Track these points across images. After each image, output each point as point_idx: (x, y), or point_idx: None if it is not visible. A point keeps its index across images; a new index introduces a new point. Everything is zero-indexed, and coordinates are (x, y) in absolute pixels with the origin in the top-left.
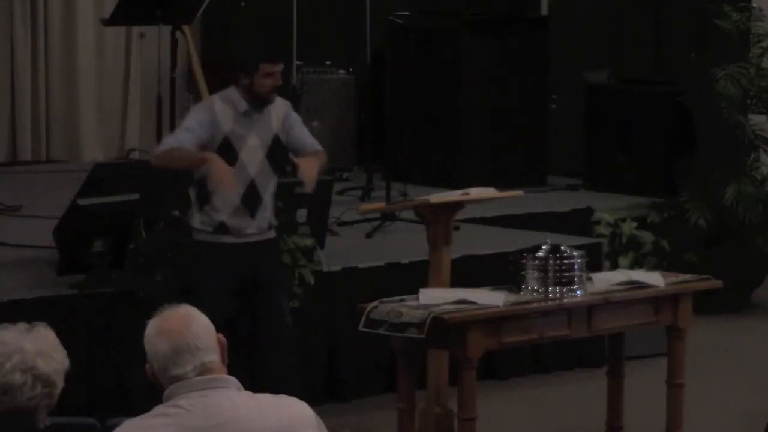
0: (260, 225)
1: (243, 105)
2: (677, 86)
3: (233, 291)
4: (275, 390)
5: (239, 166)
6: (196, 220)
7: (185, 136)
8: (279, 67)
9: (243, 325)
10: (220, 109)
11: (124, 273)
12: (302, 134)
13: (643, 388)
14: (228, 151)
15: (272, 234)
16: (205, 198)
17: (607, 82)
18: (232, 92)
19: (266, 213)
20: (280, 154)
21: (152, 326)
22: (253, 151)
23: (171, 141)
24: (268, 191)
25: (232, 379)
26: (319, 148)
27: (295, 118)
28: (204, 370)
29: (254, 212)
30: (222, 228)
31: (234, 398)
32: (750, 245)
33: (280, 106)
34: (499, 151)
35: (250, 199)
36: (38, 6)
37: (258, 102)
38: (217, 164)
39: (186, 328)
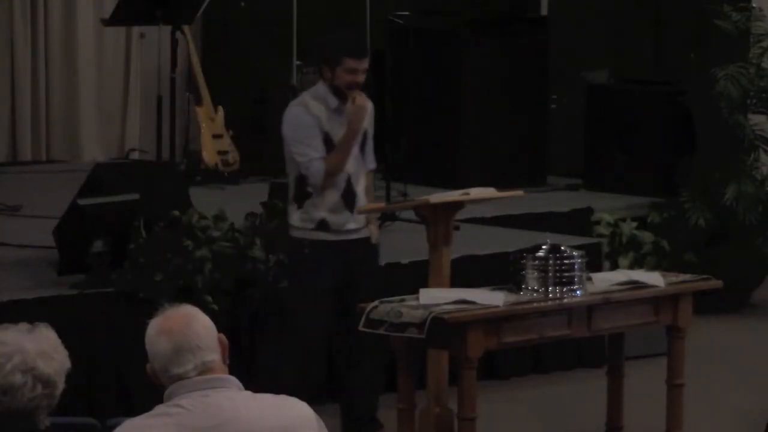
0: (359, 219)
1: (333, 101)
2: (677, 86)
3: (333, 289)
4: (362, 392)
5: None
6: (295, 217)
7: (313, 142)
8: (363, 64)
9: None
10: (314, 107)
11: (124, 273)
12: (370, 145)
13: (643, 388)
14: (328, 148)
15: (367, 232)
16: (304, 196)
17: (607, 82)
18: (320, 88)
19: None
20: (368, 150)
21: (153, 326)
22: None
23: (313, 163)
24: (360, 186)
25: (233, 379)
26: (374, 166)
27: (372, 123)
28: (205, 369)
29: (352, 208)
30: (323, 225)
31: (235, 398)
32: (750, 245)
33: (366, 102)
34: (499, 150)
35: (348, 195)
36: (38, 6)
37: (340, 96)
38: (356, 125)
39: (187, 327)
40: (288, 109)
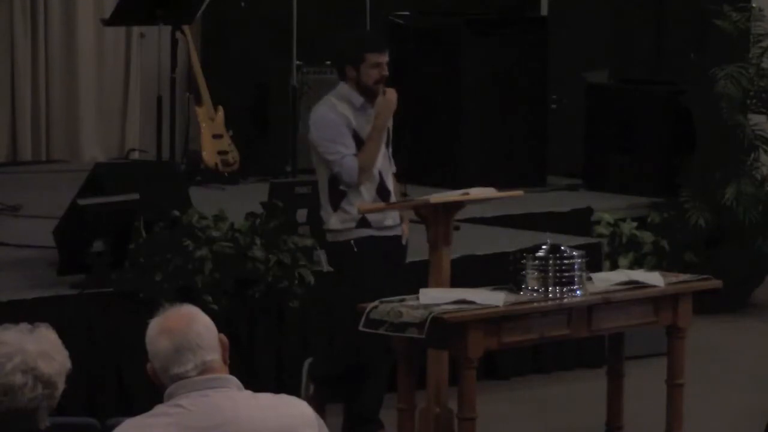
0: (394, 216)
1: (358, 99)
2: (677, 86)
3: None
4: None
5: None
6: (334, 221)
7: (344, 140)
8: (385, 57)
9: None
10: (340, 107)
11: (124, 273)
12: (390, 146)
13: (643, 388)
14: (358, 146)
15: (400, 230)
16: (339, 196)
17: (607, 82)
18: (343, 88)
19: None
20: (391, 145)
21: (154, 325)
22: None
23: (346, 160)
24: (390, 182)
25: (233, 379)
26: (395, 168)
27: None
28: (205, 369)
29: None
30: (364, 221)
31: (235, 398)
32: (750, 245)
33: (391, 94)
34: (499, 151)
35: (383, 192)
36: (38, 6)
37: (367, 94)
38: (385, 117)
39: (188, 326)
40: (314, 111)
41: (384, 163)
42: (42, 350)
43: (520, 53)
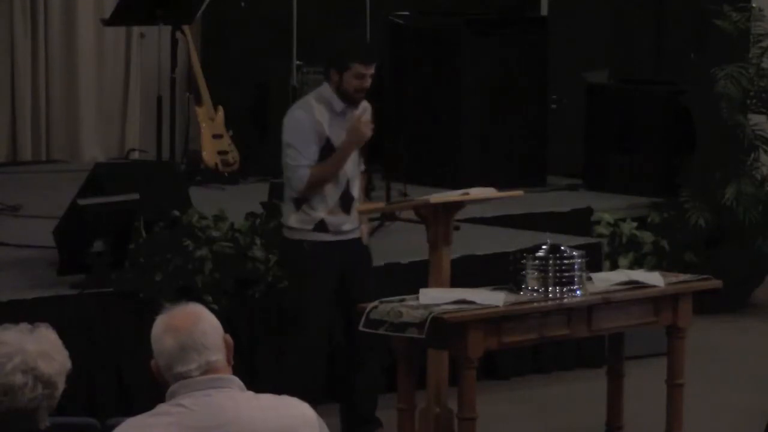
0: (353, 220)
1: (339, 104)
2: (677, 86)
3: (334, 289)
4: (364, 390)
5: None
6: (292, 219)
7: (307, 150)
8: (370, 70)
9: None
10: (318, 112)
11: (124, 273)
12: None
13: (643, 388)
14: (329, 153)
15: (359, 233)
16: (302, 198)
17: (607, 82)
18: (326, 90)
19: (354, 209)
20: (365, 151)
21: (160, 323)
22: None
23: (299, 170)
24: (356, 188)
25: (236, 379)
26: (364, 167)
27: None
28: (209, 369)
29: (349, 209)
30: (322, 226)
31: (237, 398)
32: (750, 245)
33: (368, 107)
34: (499, 151)
35: (347, 197)
36: (38, 6)
37: (346, 100)
38: (353, 143)
39: (193, 326)
40: (291, 110)
41: (353, 169)
42: (42, 350)
43: (520, 53)
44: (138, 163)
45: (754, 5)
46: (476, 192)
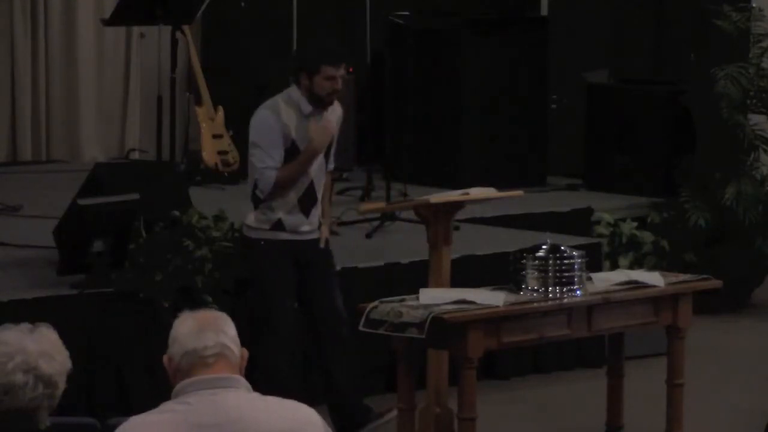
0: (313, 222)
1: (307, 107)
2: (677, 86)
3: (293, 285)
4: (338, 387)
5: None
6: (251, 218)
7: (273, 152)
8: (341, 71)
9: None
10: (285, 114)
11: (124, 273)
12: (333, 148)
13: (643, 388)
14: (294, 155)
15: (318, 234)
16: (260, 197)
17: (607, 82)
18: (294, 92)
19: (317, 211)
20: (331, 152)
21: (183, 316)
22: None
23: (266, 172)
24: (320, 189)
25: (243, 380)
26: (333, 167)
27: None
28: (221, 353)
29: (309, 211)
30: (279, 225)
31: (243, 399)
32: (750, 245)
33: (337, 108)
34: (499, 151)
35: (307, 199)
36: (38, 6)
37: (317, 104)
38: (318, 145)
39: (216, 318)
40: (259, 110)
41: (318, 171)
42: (43, 350)
43: (520, 53)
44: (138, 163)
45: (754, 5)
46: (476, 192)
